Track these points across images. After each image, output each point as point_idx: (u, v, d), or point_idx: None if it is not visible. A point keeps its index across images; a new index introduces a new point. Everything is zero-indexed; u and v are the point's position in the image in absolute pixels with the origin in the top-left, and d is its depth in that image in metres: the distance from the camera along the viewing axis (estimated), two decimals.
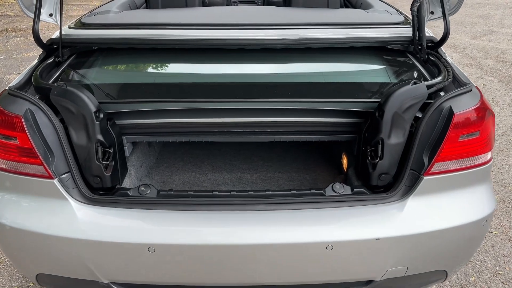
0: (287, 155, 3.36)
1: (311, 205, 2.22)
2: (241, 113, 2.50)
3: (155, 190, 2.30)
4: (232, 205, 2.22)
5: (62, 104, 2.21)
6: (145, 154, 3.08)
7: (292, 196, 2.27)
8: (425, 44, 2.73)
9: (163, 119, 2.54)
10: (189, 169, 3.18)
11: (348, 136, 2.63)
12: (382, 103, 2.26)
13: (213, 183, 3.03)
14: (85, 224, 2.20)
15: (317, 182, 3.02)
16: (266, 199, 2.23)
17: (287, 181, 3.04)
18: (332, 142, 3.40)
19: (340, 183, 2.34)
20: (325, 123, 2.55)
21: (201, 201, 2.23)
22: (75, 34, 2.80)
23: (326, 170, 3.15)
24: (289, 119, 2.53)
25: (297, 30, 2.68)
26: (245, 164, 3.24)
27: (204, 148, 3.46)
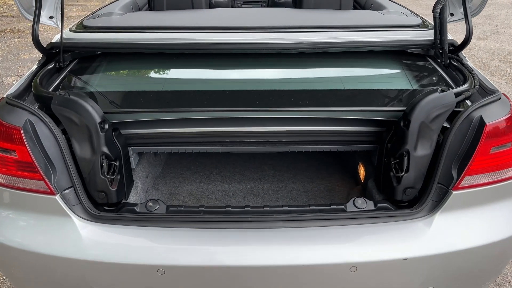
0: (299, 163, 3.21)
1: (332, 222, 2.07)
2: (253, 122, 2.35)
3: (164, 205, 2.15)
4: (247, 222, 2.07)
5: (64, 114, 2.06)
6: (151, 164, 2.92)
7: (311, 212, 2.12)
8: (447, 48, 2.58)
9: (171, 129, 2.39)
10: (197, 179, 3.03)
11: (368, 146, 2.48)
12: (407, 112, 2.11)
13: (223, 195, 2.87)
14: (89, 243, 2.04)
15: (333, 194, 2.87)
16: (284, 216, 2.08)
17: (301, 192, 2.89)
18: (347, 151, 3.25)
19: (362, 198, 2.18)
20: (344, 132, 2.40)
21: (213, 218, 2.07)
22: (76, 37, 2.65)
23: (340, 180, 3.00)
24: (305, 128, 2.38)
25: (313, 33, 2.52)
26: (255, 174, 3.08)
27: (212, 157, 3.30)
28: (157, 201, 2.16)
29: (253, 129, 2.37)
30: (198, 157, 3.29)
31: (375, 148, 2.47)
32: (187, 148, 2.47)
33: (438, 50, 2.62)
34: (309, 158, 3.25)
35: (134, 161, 2.54)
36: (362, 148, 2.51)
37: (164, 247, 2.03)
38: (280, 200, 2.80)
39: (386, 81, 2.65)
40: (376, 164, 2.48)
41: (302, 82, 2.62)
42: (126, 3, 3.48)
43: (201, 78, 2.70)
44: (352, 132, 2.40)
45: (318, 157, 3.26)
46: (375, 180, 2.49)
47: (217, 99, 2.40)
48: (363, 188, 2.74)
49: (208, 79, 2.68)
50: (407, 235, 2.07)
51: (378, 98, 2.46)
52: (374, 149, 2.49)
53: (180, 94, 2.48)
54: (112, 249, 2.03)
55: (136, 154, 2.59)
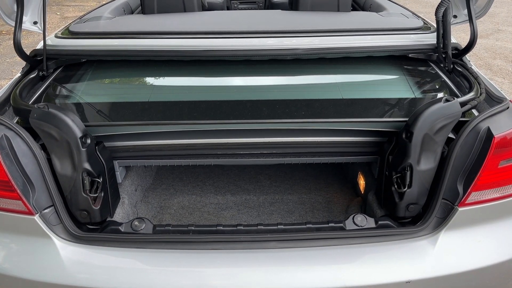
0: (296, 173, 3.07)
1: (330, 242, 1.94)
2: (247, 134, 2.22)
3: (150, 224, 2.01)
4: (239, 242, 1.94)
5: (43, 129, 1.92)
6: (140, 176, 2.79)
7: (308, 231, 1.99)
8: (450, 52, 2.44)
9: (160, 141, 2.26)
10: (189, 191, 2.89)
11: (369, 157, 2.34)
12: (410, 123, 1.97)
13: (216, 208, 2.74)
14: (70, 266, 1.91)
15: (332, 206, 2.73)
16: (278, 235, 1.95)
17: (298, 204, 2.75)
18: None
19: (361, 215, 2.05)
20: (342, 143, 2.27)
21: (203, 238, 1.94)
22: (61, 44, 2.51)
23: (339, 190, 2.87)
24: (301, 139, 2.25)
25: (309, 38, 2.38)
26: (250, 185, 2.95)
27: (205, 167, 3.17)
28: (143, 220, 2.02)
29: (246, 141, 2.24)
30: (191, 167, 3.15)
31: (376, 159, 2.33)
32: (177, 161, 2.34)
33: (441, 55, 2.48)
34: (306, 167, 3.12)
35: (121, 175, 2.41)
36: (362, 160, 2.37)
37: (150, 270, 1.89)
38: (275, 213, 2.67)
39: (387, 88, 2.51)
40: (377, 177, 2.34)
41: (297, 91, 2.48)
42: (118, 6, 3.33)
43: (191, 87, 2.56)
44: (351, 143, 2.27)
45: (316, 167, 3.13)
46: (375, 194, 2.35)
47: (209, 110, 2.27)
48: (363, 200, 2.61)
49: (199, 88, 2.54)
50: (410, 255, 1.93)
51: (378, 107, 2.32)
52: (375, 160, 2.35)
53: (169, 105, 2.34)
54: (95, 273, 1.90)
55: (122, 167, 2.46)
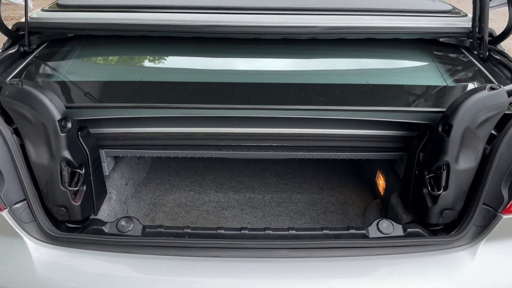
0: (305, 170, 2.77)
1: (351, 252, 1.65)
2: (254, 123, 1.94)
3: (139, 225, 1.72)
4: (243, 249, 1.64)
5: (15, 108, 1.64)
6: (132, 169, 2.49)
7: (324, 238, 1.69)
8: (487, 37, 2.15)
9: (154, 128, 1.97)
10: (186, 186, 2.59)
11: (393, 154, 2.05)
12: (448, 114, 1.67)
13: (217, 207, 2.44)
14: (43, 271, 1.63)
15: (347, 208, 2.43)
16: (290, 242, 1.66)
17: (308, 205, 2.45)
18: None
19: (387, 220, 1.76)
20: (364, 136, 1.98)
21: (201, 243, 1.65)
22: (46, 17, 2.22)
23: (355, 191, 2.56)
24: (316, 130, 1.95)
25: (328, 16, 2.09)
26: (255, 182, 2.65)
27: (206, 160, 2.87)
28: (131, 219, 1.73)
29: (253, 131, 1.95)
30: (190, 161, 2.85)
31: (402, 157, 2.03)
32: (173, 153, 2.04)
33: (476, 40, 2.18)
34: (317, 164, 2.81)
35: (108, 167, 2.11)
36: (385, 157, 2.07)
37: (138, 279, 1.61)
38: (283, 215, 2.37)
39: (415, 75, 2.20)
40: (402, 177, 2.05)
41: (314, 74, 2.18)
42: None
43: (191, 67, 2.26)
44: (374, 137, 1.98)
45: (328, 163, 2.82)
46: (400, 196, 2.05)
47: (211, 93, 1.97)
48: (382, 203, 2.31)
49: (200, 69, 2.24)
50: (445, 269, 1.65)
51: (406, 96, 2.03)
52: (400, 158, 2.05)
53: (165, 87, 2.04)
54: (71, 279, 1.62)
55: (110, 158, 2.16)
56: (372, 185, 2.53)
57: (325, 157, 2.06)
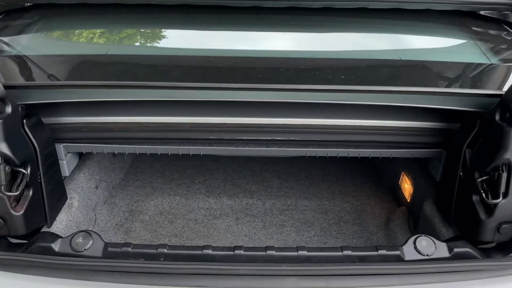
0: (314, 170, 2.35)
1: (382, 281, 1.23)
2: (253, 110, 1.53)
3: (100, 242, 1.31)
4: (238, 276, 1.23)
5: None
6: (106, 168, 2.06)
7: (346, 261, 1.28)
8: None
9: (126, 117, 1.57)
10: (172, 190, 2.17)
11: (428, 151, 1.64)
12: (509, 99, 1.26)
13: (207, 215, 2.02)
14: None
15: (365, 217, 2.01)
16: (300, 268, 1.24)
17: (318, 213, 2.03)
18: None
19: (426, 237, 1.34)
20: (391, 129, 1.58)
21: (182, 269, 1.23)
22: None
23: (373, 196, 2.14)
24: (332, 121, 1.56)
25: None
26: (254, 185, 2.23)
27: (195, 159, 2.45)
28: (90, 234, 1.31)
29: (252, 121, 1.56)
30: (177, 159, 2.43)
31: (439, 155, 1.62)
32: (150, 148, 1.63)
33: None
34: (327, 163, 2.40)
35: (69, 166, 1.69)
36: (418, 155, 1.67)
37: None
38: (288, 225, 1.95)
39: (455, 52, 1.78)
40: (440, 179, 1.63)
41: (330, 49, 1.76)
42: None
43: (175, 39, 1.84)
44: (404, 130, 1.59)
45: (340, 162, 2.41)
46: (437, 204, 1.64)
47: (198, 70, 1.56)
48: (410, 212, 1.89)
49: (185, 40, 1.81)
50: None
51: (448, 76, 1.62)
52: (437, 156, 1.64)
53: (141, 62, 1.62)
54: None
55: (72, 154, 1.74)
56: (395, 189, 2.11)
57: (342, 154, 1.65)
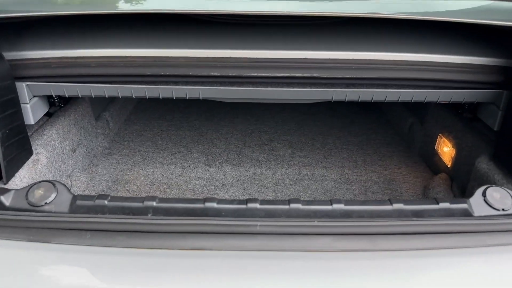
0: (330, 139, 2.02)
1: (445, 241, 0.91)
2: (268, 39, 1.23)
3: (67, 195, 0.97)
4: (253, 235, 0.91)
5: None
6: (85, 131, 1.73)
7: (397, 216, 0.95)
8: None
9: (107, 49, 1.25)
10: (165, 159, 1.84)
11: (485, 93, 1.33)
12: None
13: (207, 185, 1.69)
14: None
15: (395, 187, 1.68)
16: (337, 223, 0.92)
17: (339, 184, 1.71)
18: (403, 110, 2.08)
19: (500, 188, 1.02)
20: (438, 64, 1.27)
21: (177, 225, 0.90)
22: None
23: (404, 165, 1.82)
24: (364, 54, 1.25)
25: None
26: (261, 154, 1.90)
27: (192, 125, 2.12)
28: (54, 185, 0.98)
29: (264, 54, 1.24)
30: (171, 127, 2.10)
31: (498, 96, 1.31)
32: (135, 88, 1.31)
33: None
34: (345, 132, 2.07)
35: (34, 112, 1.36)
36: (471, 97, 1.35)
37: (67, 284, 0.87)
38: (305, 196, 1.63)
39: None
40: (499, 128, 1.32)
41: None
42: None
43: None
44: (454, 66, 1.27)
45: (360, 131, 2.08)
46: (496, 158, 1.32)
47: None
48: (452, 178, 1.57)
49: None
50: None
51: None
52: (494, 99, 1.33)
53: None
54: None
55: (40, 99, 1.41)
56: (429, 156, 1.79)
57: (378, 98, 1.33)
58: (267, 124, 2.18)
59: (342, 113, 2.31)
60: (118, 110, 2.09)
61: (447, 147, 1.64)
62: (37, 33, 1.31)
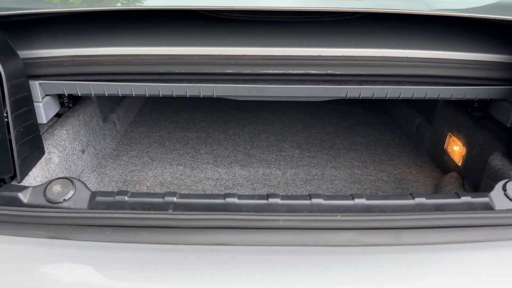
0: (338, 139, 2.02)
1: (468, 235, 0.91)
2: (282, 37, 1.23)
3: (86, 191, 0.96)
4: (276, 230, 0.90)
5: None
6: (94, 132, 1.72)
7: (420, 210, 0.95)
8: None
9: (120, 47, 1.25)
10: (173, 160, 1.83)
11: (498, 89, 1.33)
12: None
13: (217, 185, 1.68)
14: None
15: (407, 186, 1.68)
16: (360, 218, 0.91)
17: (350, 183, 1.70)
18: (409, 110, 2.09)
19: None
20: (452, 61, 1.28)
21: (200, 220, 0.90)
22: None
23: (413, 164, 1.82)
24: (379, 51, 1.26)
25: None
26: (270, 155, 1.90)
27: (200, 129, 2.11)
28: (72, 182, 0.97)
29: (278, 52, 1.24)
30: (178, 129, 2.09)
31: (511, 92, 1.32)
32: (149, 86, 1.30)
33: None
34: (354, 132, 2.07)
35: (46, 112, 1.35)
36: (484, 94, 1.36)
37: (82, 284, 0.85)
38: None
39: None
40: None
41: None
42: None
43: None
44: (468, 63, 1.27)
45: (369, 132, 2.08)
46: (510, 154, 1.32)
47: None
48: (464, 176, 1.57)
49: None
50: None
51: None
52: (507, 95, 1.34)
53: None
54: None
55: (52, 98, 1.40)
56: (439, 156, 1.79)
57: (393, 95, 1.33)
58: (274, 126, 2.17)
59: (348, 114, 2.31)
60: (124, 112, 2.08)
61: (457, 145, 1.65)
62: (50, 32, 1.31)
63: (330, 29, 1.38)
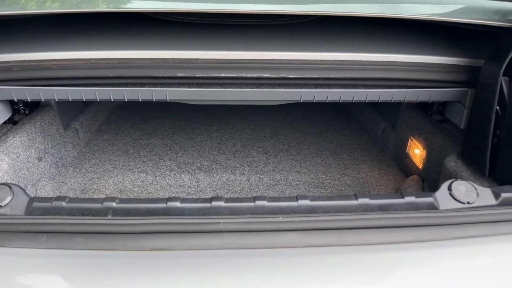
0: (305, 145, 2.02)
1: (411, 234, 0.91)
2: (234, 40, 1.23)
3: (24, 197, 0.94)
4: (217, 234, 0.89)
5: None
6: (53, 139, 1.69)
7: (363, 211, 0.95)
8: None
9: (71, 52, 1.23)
10: (136, 168, 1.81)
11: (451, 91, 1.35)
12: None
13: (179, 192, 1.66)
14: None
15: (369, 190, 1.69)
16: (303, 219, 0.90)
17: (313, 188, 1.70)
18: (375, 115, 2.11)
19: (465, 182, 1.02)
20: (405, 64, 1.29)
21: (139, 225, 0.88)
22: None
23: (376, 168, 1.82)
24: (333, 55, 1.26)
25: None
26: (235, 160, 1.88)
27: (166, 134, 2.09)
28: (10, 188, 0.94)
29: (231, 55, 1.24)
30: (143, 136, 2.07)
31: (463, 95, 1.33)
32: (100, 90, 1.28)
33: None
34: (320, 138, 2.08)
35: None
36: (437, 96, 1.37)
37: None
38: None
39: None
40: (466, 126, 1.34)
41: None
42: None
43: None
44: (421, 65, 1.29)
45: (335, 137, 2.09)
46: (464, 156, 1.33)
47: None
48: (424, 179, 1.58)
49: None
50: None
51: None
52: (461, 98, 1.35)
53: None
54: None
55: (2, 104, 1.37)
56: (401, 159, 1.80)
57: (346, 98, 1.34)
58: (242, 132, 2.17)
59: (317, 120, 2.32)
60: (88, 120, 2.05)
61: (418, 149, 1.66)
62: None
63: (284, 32, 1.38)
